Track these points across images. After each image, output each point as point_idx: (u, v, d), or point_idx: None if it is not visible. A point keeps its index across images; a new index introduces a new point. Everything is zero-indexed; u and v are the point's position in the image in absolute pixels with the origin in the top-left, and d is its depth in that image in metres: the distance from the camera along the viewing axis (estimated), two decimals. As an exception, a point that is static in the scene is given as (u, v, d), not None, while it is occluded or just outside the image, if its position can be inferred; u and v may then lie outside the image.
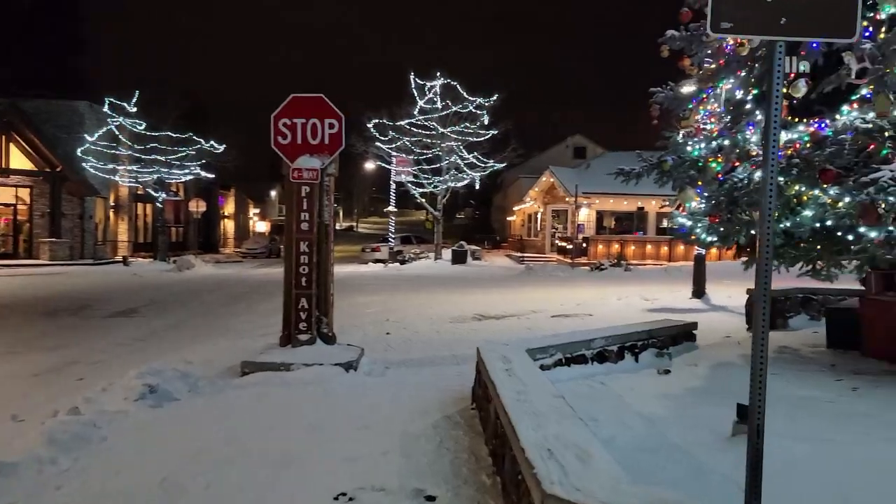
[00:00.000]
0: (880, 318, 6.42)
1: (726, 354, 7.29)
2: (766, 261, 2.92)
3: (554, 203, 34.61)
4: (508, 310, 13.66)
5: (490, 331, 10.44)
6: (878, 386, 5.64)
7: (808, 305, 10.27)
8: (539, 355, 5.98)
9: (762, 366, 3.00)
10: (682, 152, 7.46)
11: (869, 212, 4.97)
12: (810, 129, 5.71)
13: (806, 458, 3.86)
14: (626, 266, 23.55)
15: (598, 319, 11.73)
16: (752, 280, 11.50)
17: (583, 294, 16.66)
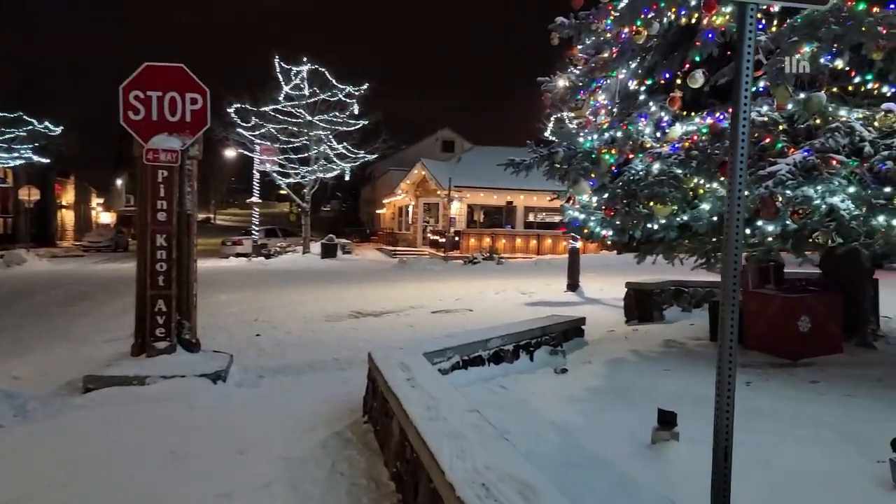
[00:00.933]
0: (762, 311, 6.57)
1: (616, 350, 7.19)
2: (733, 269, 2.56)
3: (426, 196, 34.41)
4: (386, 306, 13.08)
5: (370, 329, 9.82)
6: (768, 379, 5.69)
7: (679, 297, 10.60)
8: (437, 359, 5.46)
9: (730, 387, 2.69)
10: (575, 144, 7.25)
11: (768, 205, 4.92)
12: (709, 120, 5.64)
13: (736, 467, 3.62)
14: (498, 259, 23.76)
15: (480, 315, 11.49)
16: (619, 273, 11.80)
17: (460, 288, 16.44)
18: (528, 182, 32.22)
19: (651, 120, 6.55)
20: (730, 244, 2.57)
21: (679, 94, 6.15)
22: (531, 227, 33.58)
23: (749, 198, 5.22)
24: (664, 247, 6.18)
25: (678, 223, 5.81)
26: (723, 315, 2.62)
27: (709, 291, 10.81)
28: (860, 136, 4.91)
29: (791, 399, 5.04)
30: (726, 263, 2.59)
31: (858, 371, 5.85)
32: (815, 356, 6.31)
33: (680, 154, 5.69)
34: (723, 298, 2.64)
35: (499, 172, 34.55)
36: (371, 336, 9.10)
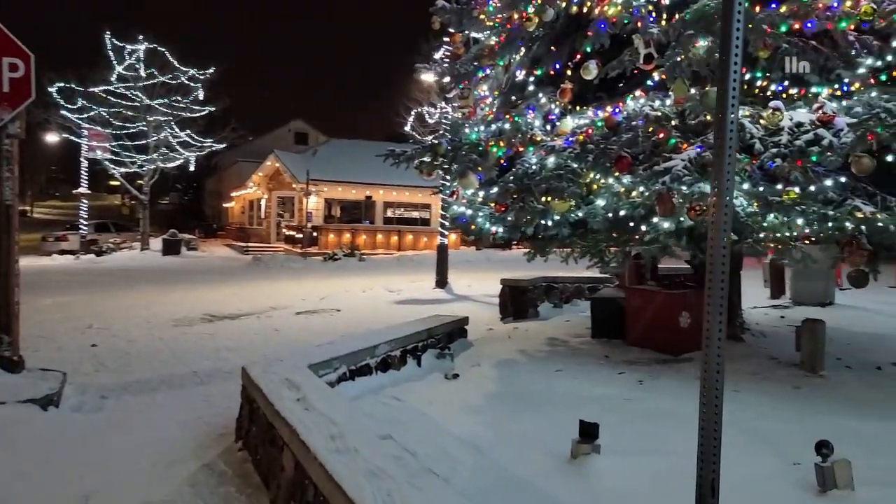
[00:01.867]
0: (644, 307, 6.62)
1: (503, 350, 6.95)
2: (721, 269, 2.26)
3: (280, 189, 32.78)
4: (243, 307, 12.03)
5: (229, 335, 8.86)
6: (658, 377, 5.68)
7: (550, 293, 10.67)
8: (322, 371, 4.83)
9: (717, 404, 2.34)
10: (460, 135, 6.89)
11: (664, 201, 4.84)
12: (601, 114, 5.49)
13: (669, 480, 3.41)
14: (360, 256, 23.07)
15: (350, 315, 10.87)
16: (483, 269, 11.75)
17: (323, 287, 15.64)
18: (387, 177, 31.74)
19: (540, 112, 6.34)
20: (716, 250, 2.25)
21: (570, 86, 5.98)
22: (391, 222, 33.19)
23: (645, 194, 5.14)
24: (557, 244, 6.00)
25: (573, 220, 5.64)
26: (709, 333, 2.31)
27: (578, 287, 11.01)
28: (750, 133, 4.97)
29: (687, 398, 4.99)
30: (713, 273, 2.27)
31: (735, 365, 6.01)
32: (695, 350, 6.45)
33: (575, 148, 5.51)
34: (709, 312, 2.32)
35: (357, 166, 33.95)
36: (233, 343, 8.18)
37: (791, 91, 5.02)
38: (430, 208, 34.49)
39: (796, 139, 4.78)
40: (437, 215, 34.90)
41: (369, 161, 33.69)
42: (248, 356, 7.29)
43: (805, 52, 5.18)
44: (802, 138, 4.76)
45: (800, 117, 4.99)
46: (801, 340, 5.80)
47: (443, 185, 7.69)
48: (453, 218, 7.04)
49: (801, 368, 5.79)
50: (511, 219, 5.98)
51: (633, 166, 5.19)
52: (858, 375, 5.74)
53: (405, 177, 32.92)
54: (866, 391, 5.22)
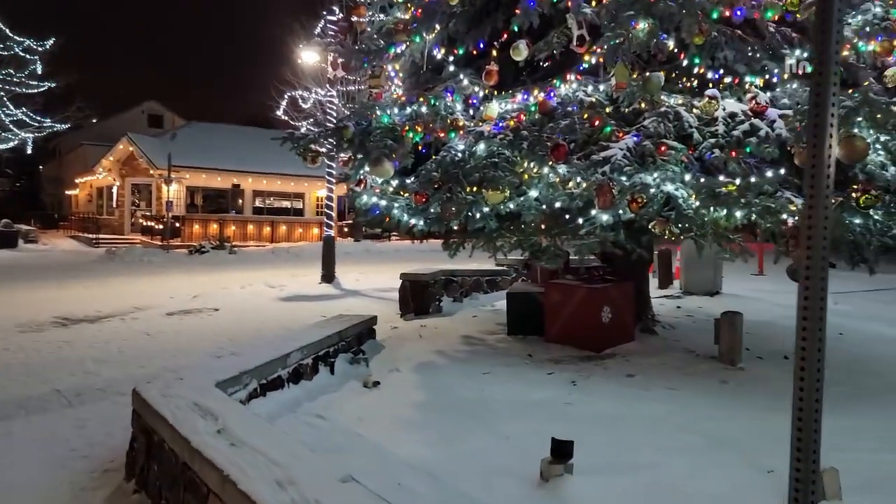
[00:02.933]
0: (565, 303, 6.41)
1: (418, 352, 6.46)
2: (820, 278, 1.89)
3: (135, 176, 29.91)
4: (102, 308, 10.62)
5: (92, 342, 7.66)
6: (589, 376, 5.45)
7: (449, 287, 10.31)
8: (232, 388, 4.10)
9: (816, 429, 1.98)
10: (372, 118, 6.28)
11: (604, 193, 4.58)
12: (532, 98, 5.13)
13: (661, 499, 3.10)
14: (230, 248, 21.51)
15: (230, 315, 9.87)
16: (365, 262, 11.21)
17: (194, 283, 14.28)
18: (257, 164, 30.02)
19: (460, 95, 5.90)
20: (817, 249, 1.88)
21: (495, 68, 5.59)
22: (261, 212, 31.46)
23: (582, 185, 4.86)
24: (485, 237, 5.59)
25: (503, 212, 5.25)
26: (806, 350, 1.94)
27: (476, 280, 10.75)
28: (687, 122, 4.83)
29: (628, 399, 4.80)
30: (812, 277, 1.91)
31: (658, 360, 5.97)
32: (615, 346, 6.34)
33: (507, 134, 5.12)
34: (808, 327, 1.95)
35: (222, 152, 31.83)
36: (99, 353, 7.03)
37: (725, 80, 4.93)
38: (303, 197, 33.13)
39: (733, 129, 4.70)
40: (313, 205, 33.74)
41: (236, 146, 31.83)
42: (122, 369, 6.28)
43: (733, 40, 5.13)
44: (739, 128, 4.68)
45: (732, 107, 4.93)
46: (720, 333, 5.83)
47: (345, 174, 7.03)
48: (364, 210, 6.42)
49: (721, 361, 5.83)
50: (434, 210, 5.49)
51: (569, 155, 4.89)
52: (772, 366, 5.86)
53: (277, 164, 31.57)
54: (786, 384, 5.27)
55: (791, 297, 8.60)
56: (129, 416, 4.37)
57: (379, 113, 6.23)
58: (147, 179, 29.50)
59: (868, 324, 8.17)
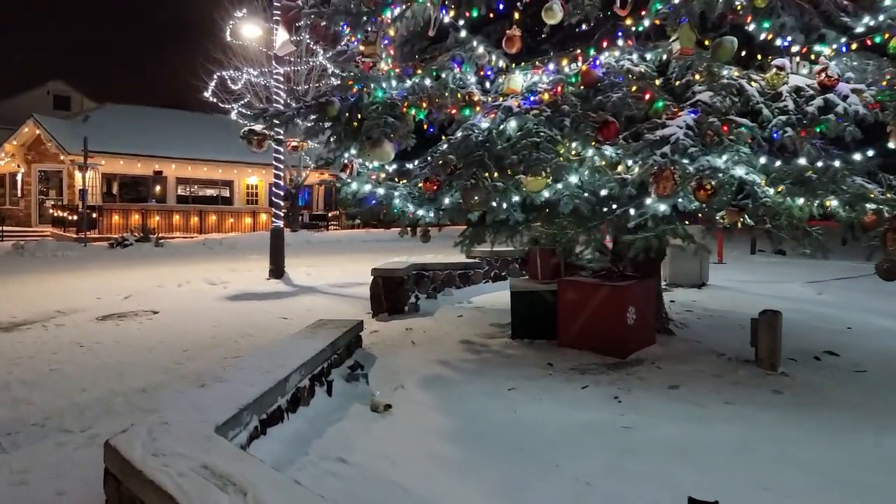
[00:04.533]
0: (584, 303, 5.70)
1: (417, 362, 5.62)
2: None
3: (42, 162, 27.26)
4: (18, 313, 9.20)
5: (12, 358, 6.40)
6: (628, 390, 4.76)
7: (420, 283, 9.47)
8: (233, 430, 3.16)
9: None
10: (364, 93, 5.36)
11: (664, 179, 3.90)
12: (545, 72, 4.36)
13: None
14: (156, 241, 19.77)
15: (173, 319, 8.65)
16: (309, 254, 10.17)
17: (122, 281, 12.81)
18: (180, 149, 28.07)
19: (470, 65, 5.07)
20: None
21: (518, 33, 4.79)
22: (185, 201, 29.40)
23: (634, 170, 4.16)
24: (507, 231, 4.80)
25: (535, 201, 4.47)
26: None
27: (448, 275, 9.95)
28: (752, 97, 4.19)
29: (689, 419, 4.16)
30: None
31: (692, 366, 5.37)
32: (639, 350, 5.72)
33: (543, 109, 4.33)
34: None
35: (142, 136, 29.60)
36: (26, 373, 5.79)
37: (792, 49, 4.32)
38: (232, 185, 31.27)
39: (807, 104, 4.10)
40: (244, 193, 31.87)
41: (157, 130, 29.58)
42: (59, 394, 5.13)
43: (790, 6, 4.54)
44: (812, 104, 4.09)
45: (795, 81, 4.34)
46: (758, 335, 5.29)
47: (326, 159, 6.07)
48: (356, 199, 5.50)
49: (759, 366, 5.29)
50: (452, 199, 4.66)
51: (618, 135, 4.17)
52: (810, 369, 5.38)
53: (203, 149, 29.57)
54: (841, 392, 4.80)
55: (777, 288, 8.16)
56: (84, 463, 3.40)
57: (373, 86, 5.32)
58: (57, 166, 26.97)
59: (865, 316, 7.92)
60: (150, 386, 5.33)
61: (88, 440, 4.08)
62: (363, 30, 5.28)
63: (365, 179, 5.53)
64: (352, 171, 5.85)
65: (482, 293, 9.85)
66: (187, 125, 30.76)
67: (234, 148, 29.55)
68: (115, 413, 4.65)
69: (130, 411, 4.68)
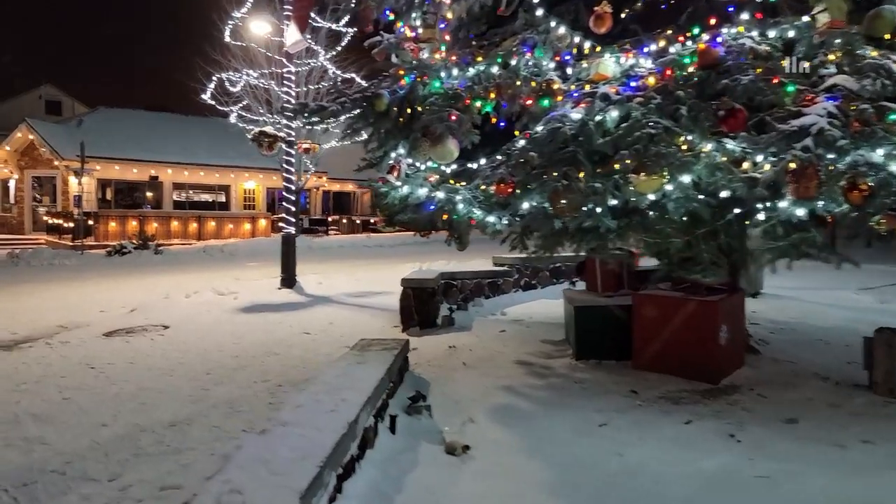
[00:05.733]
0: (666, 319, 5.03)
1: (477, 389, 4.95)
2: None
3: (35, 168, 26.44)
4: (19, 329, 8.50)
5: (16, 381, 5.72)
6: (741, 425, 4.08)
7: (449, 293, 8.82)
8: (315, 497, 2.50)
9: None
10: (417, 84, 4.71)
11: (808, 177, 3.26)
12: (699, 45, 3.71)
13: None
14: (155, 248, 19.01)
15: (186, 334, 7.93)
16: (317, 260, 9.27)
17: (125, 292, 12.08)
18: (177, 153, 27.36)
19: (545, 50, 4.43)
20: None
21: (609, 10, 4.16)
22: (181, 206, 28.62)
23: (765, 167, 3.51)
24: (596, 239, 4.15)
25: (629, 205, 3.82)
26: None
27: (478, 284, 9.30)
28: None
29: (831, 464, 3.49)
30: None
31: (798, 393, 4.71)
32: (730, 373, 5.08)
33: (651, 96, 3.69)
34: None
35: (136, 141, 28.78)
36: (35, 402, 5.08)
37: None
38: (229, 190, 30.53)
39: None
40: (241, 198, 31.11)
41: (152, 135, 28.79)
42: (78, 430, 4.43)
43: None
44: None
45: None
46: (873, 356, 4.66)
47: (369, 160, 5.41)
48: (408, 204, 4.84)
49: (876, 392, 4.64)
50: (535, 203, 4.00)
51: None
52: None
53: (199, 154, 28.81)
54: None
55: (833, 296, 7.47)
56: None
57: (429, 76, 4.66)
58: (51, 172, 26.16)
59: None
60: (180, 419, 4.64)
61: (119, 494, 3.40)
62: (420, 11, 4.63)
63: (419, 182, 4.87)
64: (399, 173, 5.19)
65: (515, 304, 9.20)
66: (182, 129, 30.06)
67: (230, 152, 28.98)
68: (145, 455, 3.96)
69: (162, 453, 4.00)
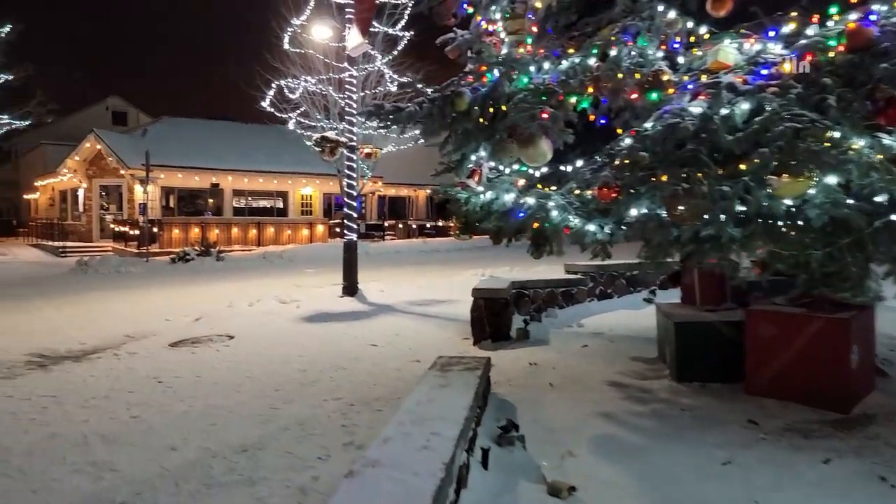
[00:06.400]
0: (787, 338, 4.46)
1: (569, 415, 4.50)
2: None
3: (103, 177, 27.21)
4: (87, 339, 8.48)
5: (84, 395, 5.57)
6: (891, 463, 3.54)
7: (520, 303, 8.36)
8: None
9: None
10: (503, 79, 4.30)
11: None
12: (848, 24, 3.18)
13: None
14: (217, 255, 19.18)
15: (250, 345, 7.72)
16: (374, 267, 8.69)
17: (189, 299, 12.08)
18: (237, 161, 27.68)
19: (653, 37, 3.95)
20: None
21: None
22: (241, 213, 29.00)
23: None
24: (716, 250, 3.65)
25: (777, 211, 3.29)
26: None
27: (550, 293, 8.81)
28: None
29: None
30: None
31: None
32: (861, 399, 4.47)
33: (791, 85, 3.17)
34: None
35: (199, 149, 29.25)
36: (103, 420, 4.88)
37: None
38: (286, 196, 30.79)
39: None
40: (298, 203, 31.34)
41: (212, 143, 29.26)
42: (148, 454, 4.18)
43: None
44: None
45: None
46: None
47: (447, 164, 5.03)
48: (493, 212, 4.43)
49: None
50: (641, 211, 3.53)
51: None
52: None
53: (257, 160, 29.14)
54: None
55: None
56: None
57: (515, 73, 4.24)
58: (117, 180, 26.87)
59: None
60: (251, 443, 4.35)
61: (192, 538, 3.10)
62: (500, 3, 4.22)
63: (505, 187, 4.45)
64: (480, 177, 4.79)
65: (591, 314, 8.68)
66: (241, 136, 30.51)
67: (287, 158, 29.24)
68: (217, 486, 3.67)
69: (235, 483, 3.70)
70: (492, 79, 4.50)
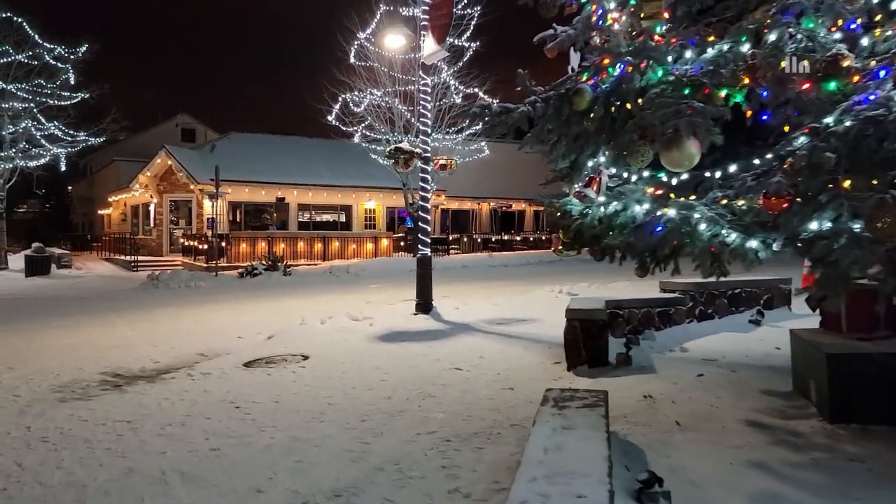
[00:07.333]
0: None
1: (710, 465, 3.84)
2: None
3: (173, 192, 27.81)
4: (160, 357, 8.24)
5: (160, 422, 5.23)
6: None
7: (615, 325, 7.68)
8: None
9: None
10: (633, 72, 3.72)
11: None
12: None
13: None
14: (284, 269, 19.11)
15: (326, 366, 7.29)
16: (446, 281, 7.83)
17: (259, 315, 11.85)
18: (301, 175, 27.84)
19: (825, 16, 3.31)
20: None
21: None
22: (306, 227, 29.14)
23: None
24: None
25: None
26: None
27: (646, 313, 8.10)
28: None
29: None
30: None
31: None
32: None
33: None
34: None
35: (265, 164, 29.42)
36: (181, 452, 4.50)
37: None
38: (350, 210, 30.80)
39: None
40: (362, 217, 31.34)
41: (277, 157, 29.55)
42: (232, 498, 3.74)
43: None
44: None
45: None
46: None
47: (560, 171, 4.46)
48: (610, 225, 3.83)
49: None
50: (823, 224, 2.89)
51: None
52: None
53: (321, 175, 29.23)
54: None
55: None
56: None
57: (653, 61, 3.66)
58: (186, 195, 27.40)
59: None
60: (344, 485, 3.87)
61: None
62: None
63: (636, 197, 3.85)
64: (599, 186, 4.21)
65: (692, 337, 7.92)
66: (306, 151, 30.78)
67: (351, 171, 29.29)
68: (313, 546, 3.18)
69: (333, 541, 3.21)
70: (614, 73, 3.94)
